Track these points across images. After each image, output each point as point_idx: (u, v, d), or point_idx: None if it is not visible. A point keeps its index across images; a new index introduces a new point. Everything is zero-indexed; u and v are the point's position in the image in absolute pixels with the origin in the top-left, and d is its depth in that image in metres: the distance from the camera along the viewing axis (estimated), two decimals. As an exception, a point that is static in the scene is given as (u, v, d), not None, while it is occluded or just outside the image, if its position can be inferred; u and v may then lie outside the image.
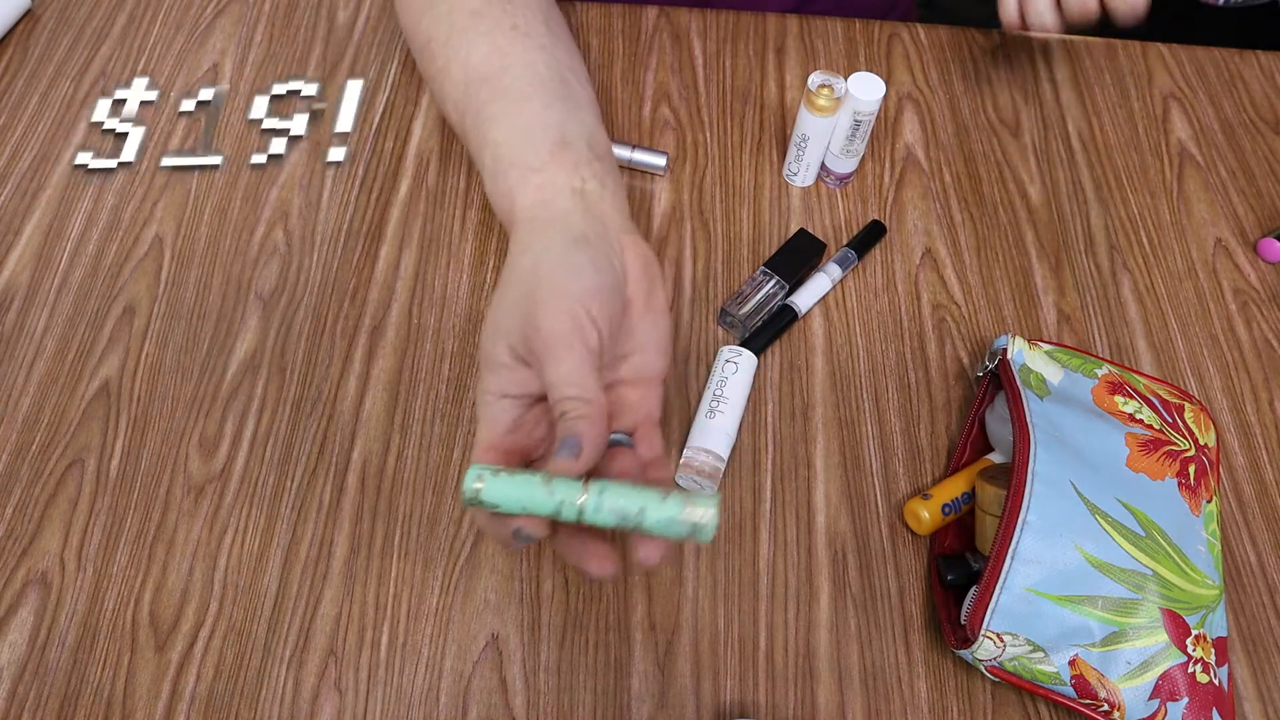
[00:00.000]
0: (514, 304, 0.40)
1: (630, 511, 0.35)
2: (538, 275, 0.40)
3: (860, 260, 0.59)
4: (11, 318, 0.55)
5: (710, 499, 0.35)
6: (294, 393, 0.52)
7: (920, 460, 0.52)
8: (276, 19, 0.69)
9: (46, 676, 0.44)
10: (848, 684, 0.46)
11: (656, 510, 0.35)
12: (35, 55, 0.66)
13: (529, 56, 0.49)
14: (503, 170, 0.46)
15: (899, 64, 0.69)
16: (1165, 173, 0.65)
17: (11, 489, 0.49)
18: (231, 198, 0.60)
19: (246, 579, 0.47)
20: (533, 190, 0.44)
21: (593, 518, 0.35)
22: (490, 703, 0.44)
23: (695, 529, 0.35)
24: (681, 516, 0.35)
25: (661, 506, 0.35)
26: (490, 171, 0.47)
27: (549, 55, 0.50)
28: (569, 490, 0.35)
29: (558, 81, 0.49)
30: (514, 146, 0.46)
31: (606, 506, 0.35)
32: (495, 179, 0.47)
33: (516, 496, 0.36)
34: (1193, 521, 0.44)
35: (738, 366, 0.51)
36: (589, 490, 0.35)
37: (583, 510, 0.35)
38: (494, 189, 0.47)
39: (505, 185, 0.46)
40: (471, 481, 0.36)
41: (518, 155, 0.46)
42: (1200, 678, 0.41)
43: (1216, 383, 0.56)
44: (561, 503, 0.35)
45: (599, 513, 0.35)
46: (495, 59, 0.49)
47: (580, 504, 0.35)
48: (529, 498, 0.36)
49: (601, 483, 0.36)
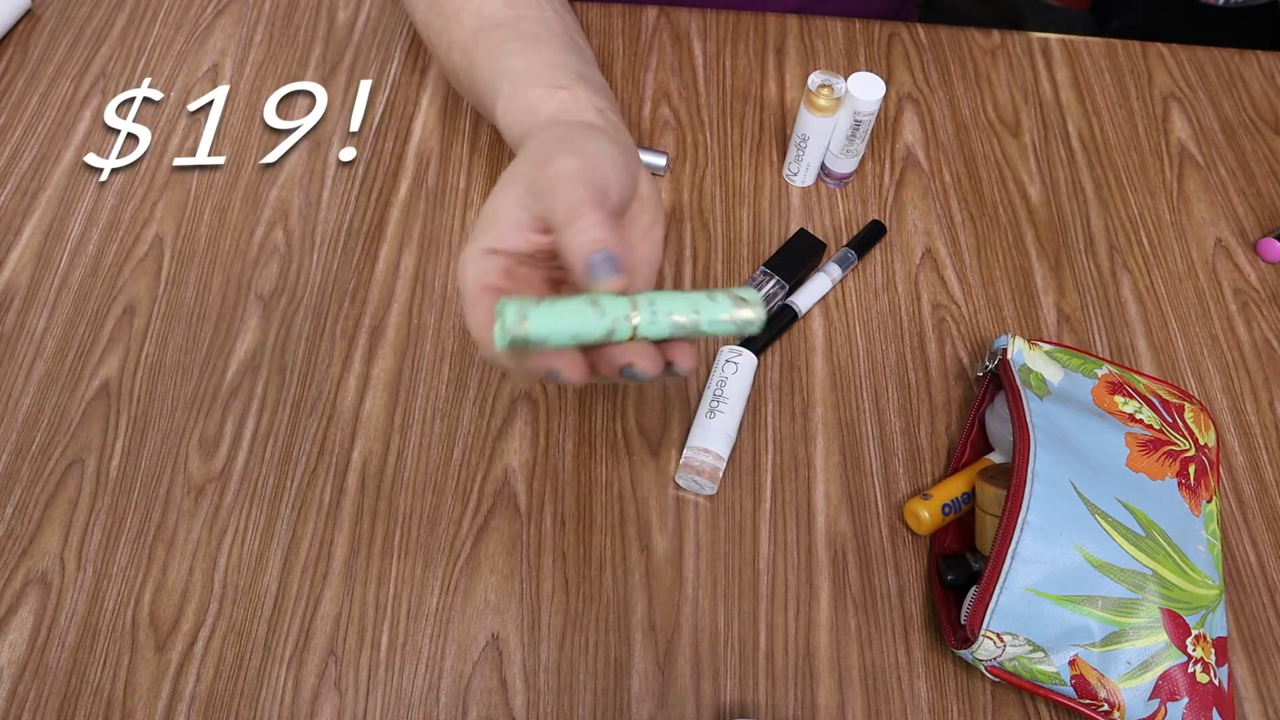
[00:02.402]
0: (526, 162, 0.38)
1: (685, 318, 0.33)
2: (556, 138, 0.39)
3: (860, 260, 0.59)
4: (11, 318, 0.55)
5: (753, 293, 0.34)
6: (294, 393, 0.52)
7: (920, 460, 0.52)
8: (276, 19, 0.69)
9: (46, 676, 0.44)
10: (848, 684, 0.46)
11: (709, 311, 0.33)
12: (35, 55, 0.66)
13: (542, 14, 0.51)
14: (524, 89, 0.46)
15: (899, 64, 0.69)
16: (1165, 173, 0.65)
17: (11, 489, 0.49)
18: (231, 198, 0.60)
19: (246, 579, 0.47)
20: (557, 102, 0.44)
21: (647, 331, 0.33)
22: (490, 703, 0.44)
23: (745, 324, 0.33)
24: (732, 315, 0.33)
25: (713, 306, 0.33)
26: (508, 94, 0.47)
27: (560, 17, 0.52)
28: (618, 307, 0.32)
29: (569, 38, 0.51)
30: (536, 71, 0.46)
31: (662, 317, 0.33)
32: (514, 98, 0.46)
33: (566, 325, 0.32)
34: (1193, 521, 0.44)
35: (738, 366, 0.52)
36: (639, 304, 0.33)
37: (637, 326, 0.33)
38: (511, 107, 0.46)
39: (526, 101, 0.45)
40: (512, 318, 0.32)
41: (541, 78, 0.46)
42: (1200, 678, 0.41)
43: (1216, 383, 0.56)
44: (615, 321, 0.32)
45: (654, 325, 0.33)
46: (508, 10, 0.51)
47: (634, 320, 0.32)
48: (580, 324, 0.32)
49: (647, 294, 0.33)
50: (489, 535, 0.49)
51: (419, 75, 0.66)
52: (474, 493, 0.50)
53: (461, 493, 0.50)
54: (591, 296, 0.33)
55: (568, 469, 0.51)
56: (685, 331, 0.33)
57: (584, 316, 0.32)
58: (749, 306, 0.33)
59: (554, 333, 0.32)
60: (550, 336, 0.32)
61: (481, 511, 0.49)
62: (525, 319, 0.32)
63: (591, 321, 0.32)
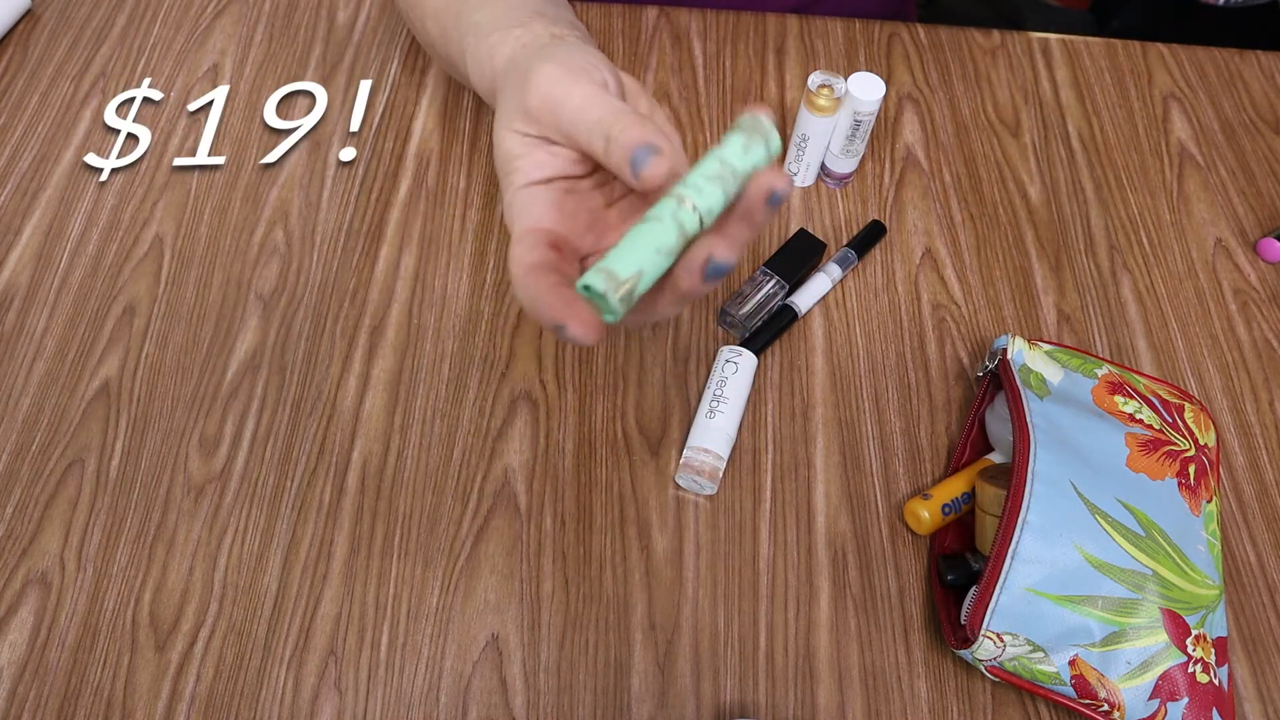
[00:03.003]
0: (508, 98, 0.38)
1: (721, 170, 0.33)
2: (523, 65, 0.39)
3: (860, 260, 0.59)
4: (11, 318, 0.55)
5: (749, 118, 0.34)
6: (294, 393, 0.52)
7: (920, 460, 0.52)
8: (276, 19, 0.69)
9: (46, 676, 0.44)
10: (848, 684, 0.46)
11: (736, 157, 0.33)
12: (35, 55, 0.66)
13: None
14: (483, 38, 0.46)
15: (899, 64, 0.69)
16: (1165, 173, 0.65)
17: (11, 489, 0.49)
18: (231, 198, 0.60)
19: (246, 579, 0.47)
20: (513, 40, 0.44)
21: (706, 204, 0.32)
22: (490, 703, 0.44)
23: (768, 142, 0.33)
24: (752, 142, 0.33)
25: (730, 149, 0.33)
26: (472, 50, 0.47)
27: None
28: (668, 207, 0.32)
29: None
30: (495, 19, 0.46)
31: (705, 187, 0.32)
32: (477, 51, 0.46)
33: (645, 249, 0.32)
34: (1193, 521, 0.44)
35: (738, 366, 0.51)
36: (684, 194, 0.32)
37: (698, 208, 0.32)
38: (475, 61, 0.46)
39: (486, 49, 0.45)
40: (607, 283, 0.32)
41: (499, 22, 0.45)
42: (1200, 678, 0.41)
43: (1216, 383, 0.56)
44: (676, 216, 0.32)
45: (706, 196, 0.32)
46: None
47: (689, 202, 0.32)
48: (655, 239, 0.32)
49: (681, 182, 0.33)
50: (489, 535, 0.49)
51: (419, 75, 0.66)
52: (474, 493, 0.50)
53: (461, 493, 0.50)
54: (640, 223, 0.33)
55: (568, 469, 0.51)
56: (732, 183, 0.33)
57: (652, 233, 0.32)
58: (754, 125, 0.33)
59: (645, 261, 0.32)
60: (644, 266, 0.32)
61: (481, 511, 0.49)
62: (613, 275, 0.31)
63: (661, 231, 0.32)
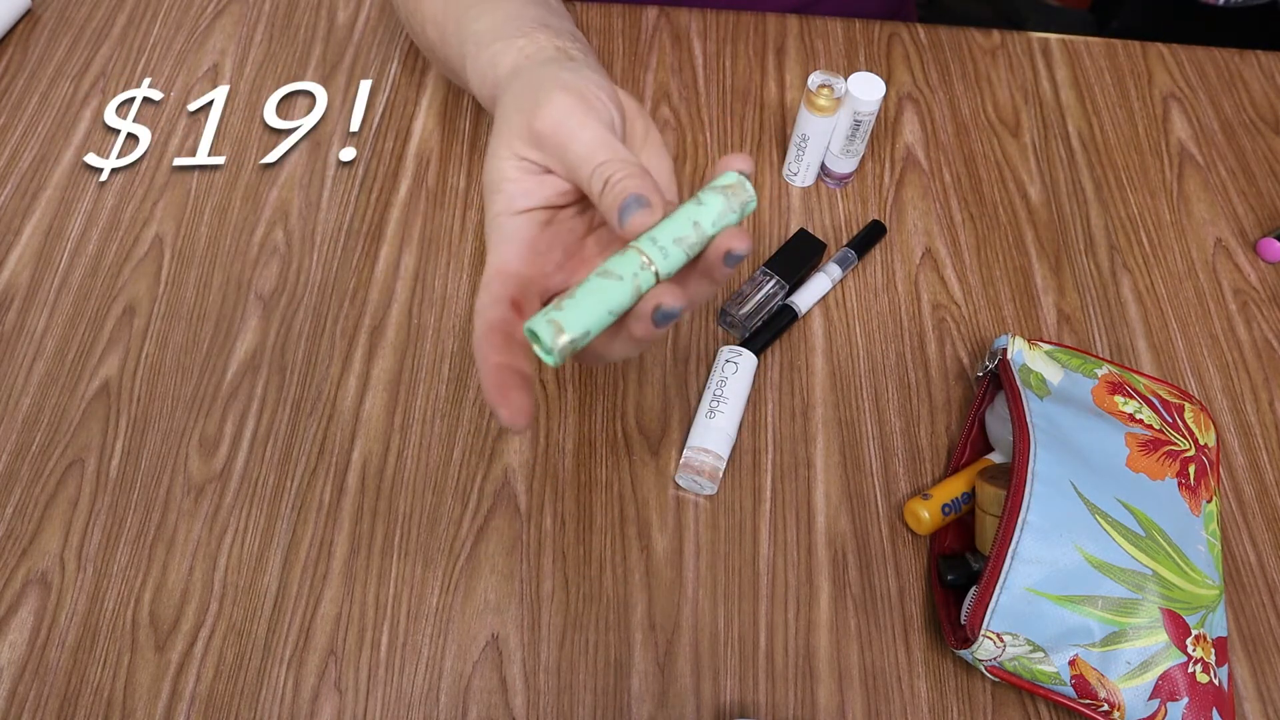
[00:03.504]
0: (512, 114, 0.38)
1: (690, 235, 0.33)
2: (532, 82, 0.39)
3: (860, 260, 0.59)
4: (11, 318, 0.55)
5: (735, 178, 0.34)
6: (294, 393, 0.52)
7: (920, 460, 0.52)
8: (276, 19, 0.69)
9: (46, 676, 0.44)
10: (848, 684, 0.46)
11: (708, 216, 0.33)
12: (35, 55, 0.66)
13: None
14: (485, 47, 0.46)
15: (899, 64, 0.69)
16: (1165, 173, 0.65)
17: (11, 489, 0.49)
18: (231, 198, 0.60)
19: (246, 579, 0.47)
20: (516, 51, 0.44)
21: (668, 267, 0.33)
22: (490, 703, 0.44)
23: (744, 206, 0.34)
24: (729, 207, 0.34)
25: (707, 211, 0.33)
26: (473, 57, 0.47)
27: None
28: (629, 264, 0.33)
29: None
30: (497, 28, 0.46)
31: (671, 249, 0.33)
32: (478, 60, 0.46)
33: (596, 308, 0.32)
34: (1193, 521, 0.44)
35: (738, 366, 0.51)
36: (643, 248, 0.33)
37: (657, 267, 0.33)
38: (477, 67, 0.46)
39: (489, 58, 0.45)
40: (551, 336, 0.32)
41: (501, 32, 0.45)
42: (1200, 678, 0.41)
43: (1216, 383, 0.56)
44: (636, 277, 0.33)
45: (670, 258, 0.33)
46: None
47: (652, 267, 0.33)
48: (608, 299, 0.32)
49: (646, 236, 0.33)
50: (489, 535, 0.49)
51: (419, 75, 0.66)
52: (474, 493, 0.50)
53: (461, 493, 0.50)
54: (600, 269, 0.33)
55: (568, 469, 0.51)
56: (697, 246, 0.33)
57: (607, 291, 0.32)
58: (737, 188, 0.34)
59: (590, 320, 0.32)
60: (591, 327, 0.33)
61: (481, 511, 0.49)
62: (564, 332, 0.32)
63: (616, 291, 0.33)
